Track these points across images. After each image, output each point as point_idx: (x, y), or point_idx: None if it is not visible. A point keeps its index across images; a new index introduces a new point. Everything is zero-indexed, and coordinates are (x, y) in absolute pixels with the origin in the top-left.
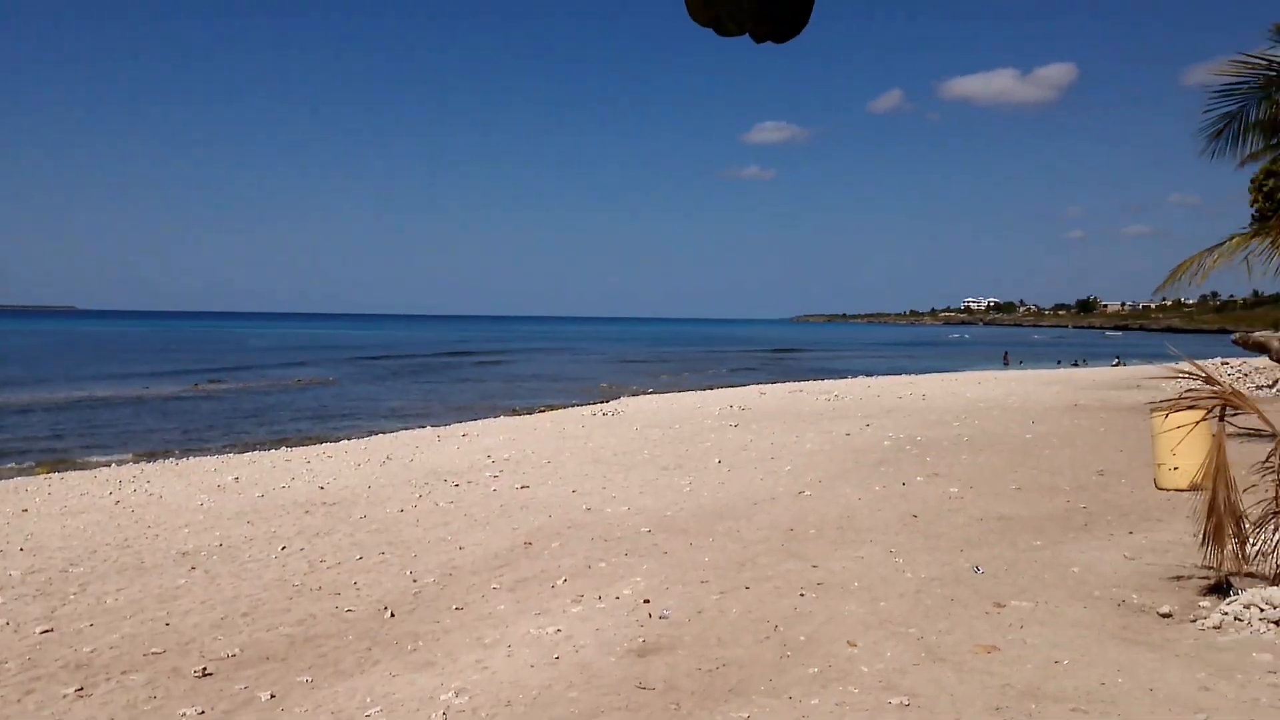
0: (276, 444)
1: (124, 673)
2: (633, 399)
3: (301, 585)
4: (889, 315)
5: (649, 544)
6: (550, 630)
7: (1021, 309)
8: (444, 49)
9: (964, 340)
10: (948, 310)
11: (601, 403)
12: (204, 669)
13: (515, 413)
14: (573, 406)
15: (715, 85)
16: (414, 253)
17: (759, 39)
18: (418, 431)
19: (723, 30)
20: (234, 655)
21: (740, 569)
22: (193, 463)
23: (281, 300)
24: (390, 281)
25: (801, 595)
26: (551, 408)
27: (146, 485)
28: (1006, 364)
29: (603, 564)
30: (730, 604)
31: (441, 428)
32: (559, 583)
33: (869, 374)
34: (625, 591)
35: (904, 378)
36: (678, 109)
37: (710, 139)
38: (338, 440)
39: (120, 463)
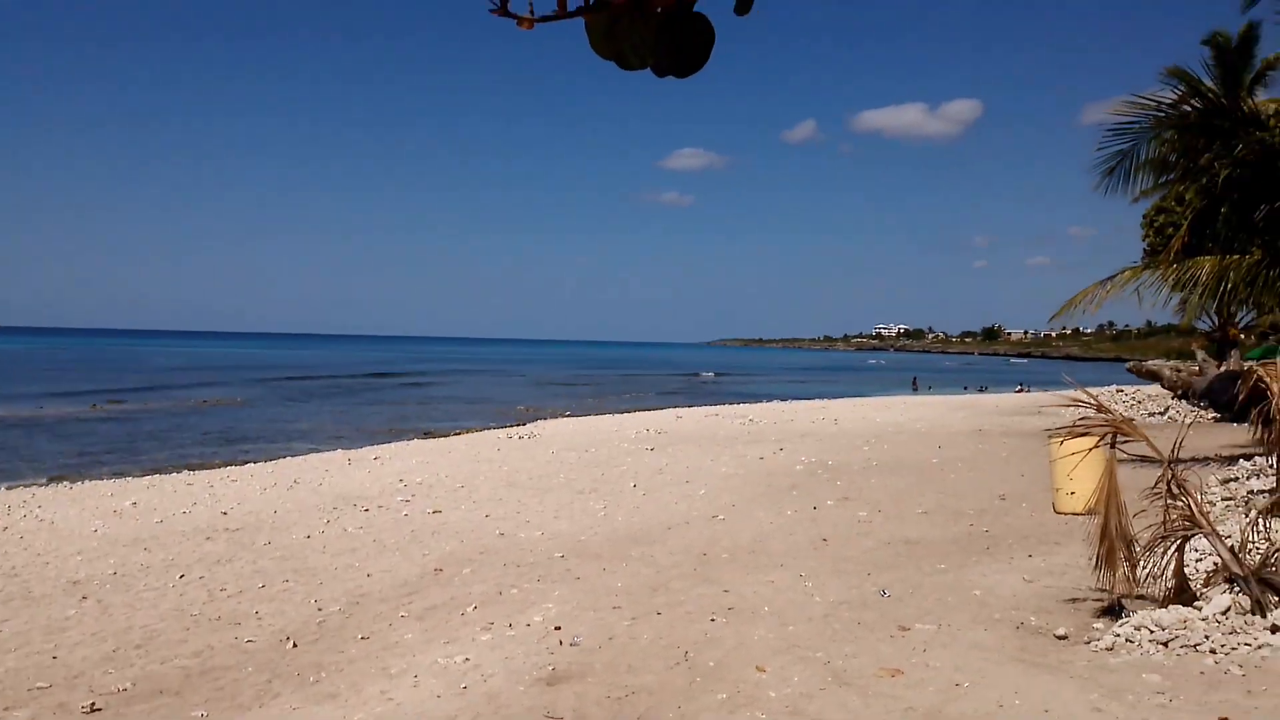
0: (178, 467)
1: (6, 709)
2: (550, 422)
3: (200, 615)
4: (804, 340)
5: (562, 569)
6: (459, 659)
7: (930, 336)
8: (362, 69)
9: (881, 366)
10: (860, 336)
11: (518, 425)
12: (93, 704)
13: (430, 435)
14: (489, 429)
15: (634, 111)
16: (336, 272)
17: (660, 73)
18: (328, 455)
19: (625, 64)
20: (125, 689)
21: (653, 594)
22: (88, 487)
23: (194, 318)
24: (310, 300)
25: (712, 620)
26: (468, 430)
27: (38, 510)
28: (915, 389)
29: (514, 590)
30: (641, 630)
31: (353, 451)
32: (469, 610)
33: (784, 398)
34: (536, 618)
35: (817, 402)
36: (597, 133)
37: (629, 164)
38: (243, 464)
39: (10, 487)
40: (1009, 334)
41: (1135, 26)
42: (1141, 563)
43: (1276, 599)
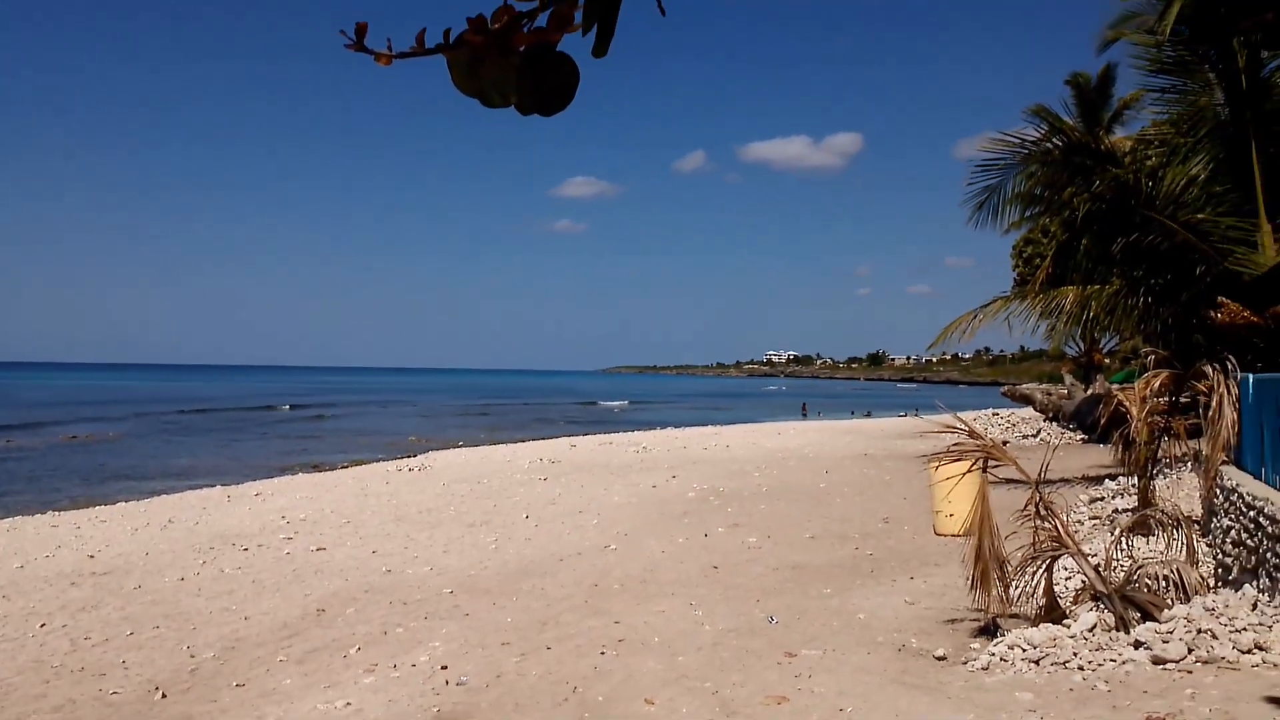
0: (42, 508)
1: None
2: (442, 453)
3: (61, 666)
4: (696, 367)
5: (450, 606)
6: (339, 704)
7: (819, 361)
8: (240, 92)
9: (781, 392)
10: (751, 363)
11: (409, 457)
12: None
13: (317, 469)
14: (379, 462)
15: (526, 138)
16: (219, 299)
17: (524, 111)
18: (206, 492)
19: (487, 101)
20: None
21: (543, 628)
22: None
23: (64, 350)
24: (191, 329)
25: (602, 653)
26: (356, 463)
27: None
28: (805, 415)
29: (400, 629)
30: (531, 666)
31: (233, 487)
32: (352, 651)
33: (678, 425)
34: (422, 658)
35: (710, 429)
36: (489, 159)
37: (523, 192)
38: (114, 503)
39: None
40: (893, 359)
41: (1004, 65)
42: (1014, 582)
43: (1139, 615)
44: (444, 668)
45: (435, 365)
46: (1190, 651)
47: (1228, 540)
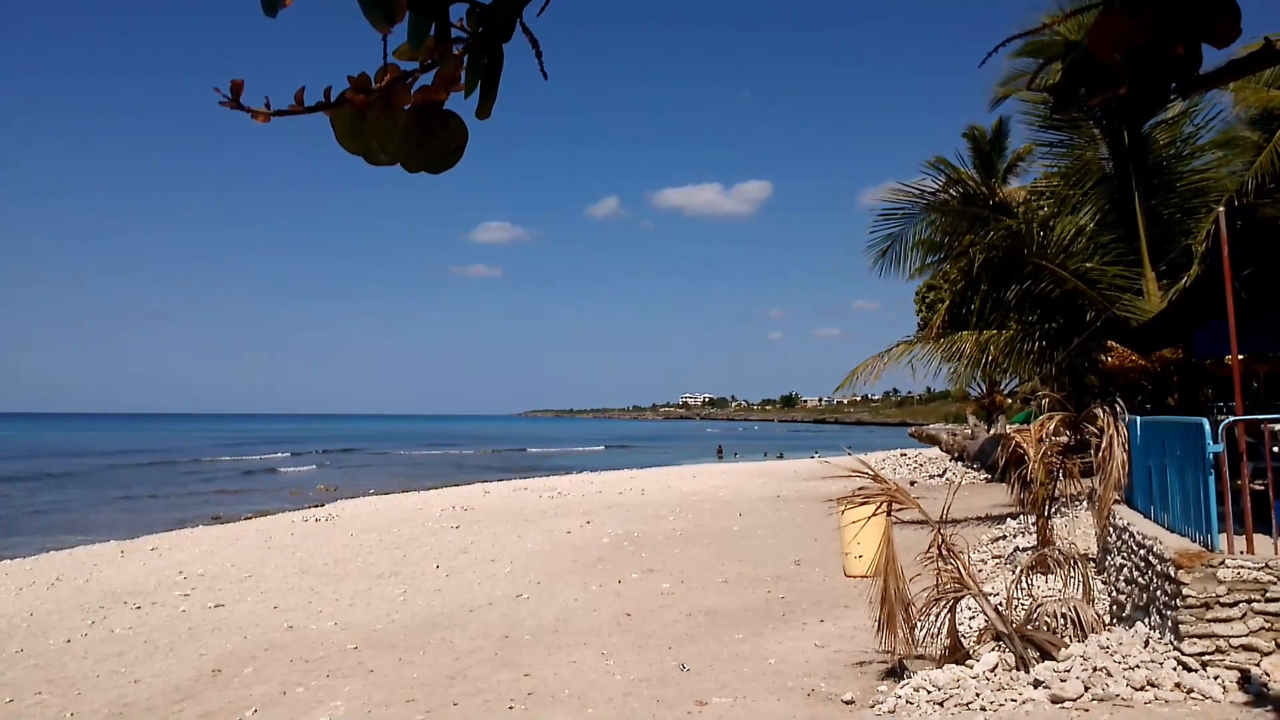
0: None
1: None
2: (350, 502)
3: None
4: (613, 410)
5: (354, 662)
6: None
7: (734, 404)
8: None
9: (717, 434)
10: (668, 405)
11: (315, 507)
12: None
13: (218, 521)
14: (284, 512)
15: (439, 182)
16: (114, 344)
17: (411, 169)
18: (98, 547)
19: (373, 160)
20: None
21: (450, 683)
22: None
23: None
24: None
25: (511, 708)
26: (260, 514)
27: None
28: (720, 457)
29: (300, 689)
30: None
31: (127, 541)
32: (248, 714)
33: (594, 469)
34: (323, 719)
35: (626, 472)
36: (402, 203)
37: (436, 235)
38: None
39: None
40: (805, 401)
41: (904, 117)
42: (919, 623)
43: (1038, 654)
44: None
45: (347, 411)
46: (1087, 690)
47: (1121, 578)
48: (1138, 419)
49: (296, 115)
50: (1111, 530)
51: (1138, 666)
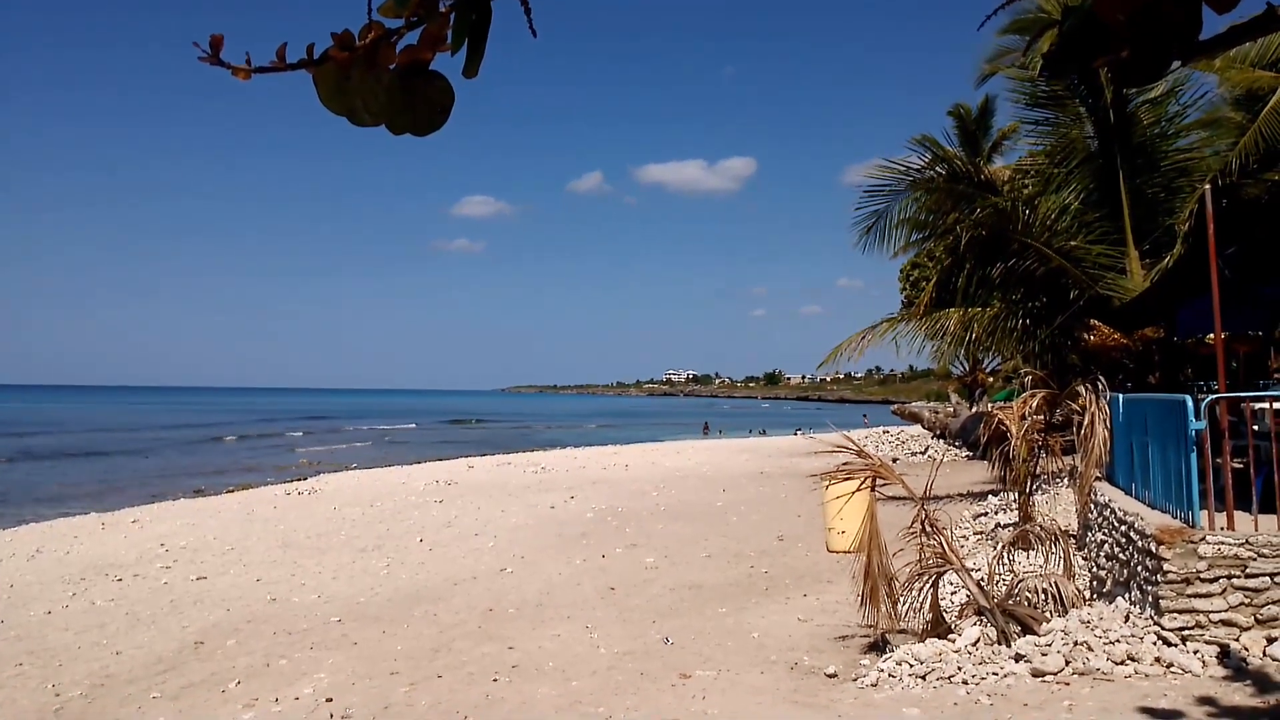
0: None
1: None
2: (333, 475)
3: None
4: (597, 386)
5: (338, 634)
6: None
7: (717, 381)
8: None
9: (728, 411)
10: (651, 382)
11: (299, 480)
12: None
13: (200, 494)
14: (267, 485)
15: (422, 155)
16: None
17: (396, 131)
18: (79, 519)
19: (358, 120)
20: None
21: (434, 656)
22: None
23: None
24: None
25: (495, 680)
26: (243, 487)
27: None
28: (706, 433)
29: (284, 661)
30: (420, 696)
31: (108, 514)
32: (231, 686)
33: (577, 445)
34: (306, 690)
35: (610, 448)
36: (385, 177)
37: (418, 209)
38: None
39: None
40: (788, 378)
41: (890, 95)
42: (902, 598)
43: (1019, 629)
44: (329, 700)
45: (330, 386)
46: (1068, 664)
47: (1101, 553)
48: (1120, 396)
49: (279, 72)
50: (1093, 506)
51: (1118, 641)
